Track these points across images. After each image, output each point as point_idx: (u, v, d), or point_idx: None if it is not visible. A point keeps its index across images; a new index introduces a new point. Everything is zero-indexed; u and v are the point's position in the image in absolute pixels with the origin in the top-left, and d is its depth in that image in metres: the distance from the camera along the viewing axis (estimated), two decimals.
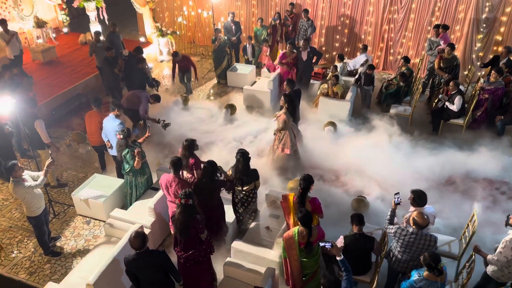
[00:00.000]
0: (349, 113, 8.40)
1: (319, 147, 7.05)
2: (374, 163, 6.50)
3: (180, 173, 5.18)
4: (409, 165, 6.57)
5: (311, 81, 9.39)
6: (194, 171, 5.09)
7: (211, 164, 4.75)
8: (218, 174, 4.79)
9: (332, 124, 7.80)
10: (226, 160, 6.79)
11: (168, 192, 4.92)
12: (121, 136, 5.40)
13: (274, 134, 6.59)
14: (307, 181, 4.47)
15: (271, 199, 5.54)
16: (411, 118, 8.16)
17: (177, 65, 9.32)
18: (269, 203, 5.56)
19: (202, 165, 4.92)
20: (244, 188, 5.02)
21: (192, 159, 5.14)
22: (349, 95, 8.39)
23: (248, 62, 10.94)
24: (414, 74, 9.01)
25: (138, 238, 3.69)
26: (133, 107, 7.15)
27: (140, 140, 5.90)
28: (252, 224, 5.25)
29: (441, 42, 8.63)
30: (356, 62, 9.69)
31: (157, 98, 7.39)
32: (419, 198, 4.42)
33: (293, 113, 6.42)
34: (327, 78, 8.93)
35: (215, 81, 10.60)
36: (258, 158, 6.92)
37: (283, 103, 6.28)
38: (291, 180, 6.14)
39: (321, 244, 3.77)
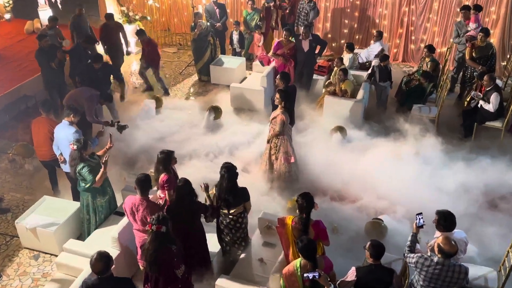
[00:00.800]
0: (362, 115, 8.48)
1: (324, 158, 7.10)
2: (392, 178, 6.56)
3: (155, 193, 5.26)
4: (435, 179, 6.66)
5: (314, 76, 9.47)
6: (166, 191, 5.07)
7: (187, 183, 4.76)
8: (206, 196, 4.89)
9: (341, 129, 7.86)
10: (209, 177, 6.82)
11: (134, 219, 4.91)
12: (75, 147, 5.39)
13: (268, 141, 6.65)
14: (309, 202, 4.49)
15: (265, 224, 5.56)
16: (437, 120, 8.25)
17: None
18: (263, 229, 5.59)
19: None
20: (231, 212, 5.01)
21: (165, 176, 5.13)
22: (361, 94, 8.48)
23: (236, 53, 11.00)
24: (441, 66, 9.15)
25: (101, 261, 3.76)
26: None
27: (99, 153, 5.91)
28: (242, 256, 5.25)
29: (472, 27, 8.79)
30: (370, 52, 9.81)
31: (107, 98, 7.37)
32: (445, 220, 4.44)
33: (290, 114, 6.52)
34: (334, 72, 9.01)
35: (195, 77, 10.66)
36: (248, 173, 6.97)
37: (279, 101, 6.36)
38: (290, 200, 6.20)
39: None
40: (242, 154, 7.51)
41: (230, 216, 5.04)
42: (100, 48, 9.93)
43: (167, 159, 5.20)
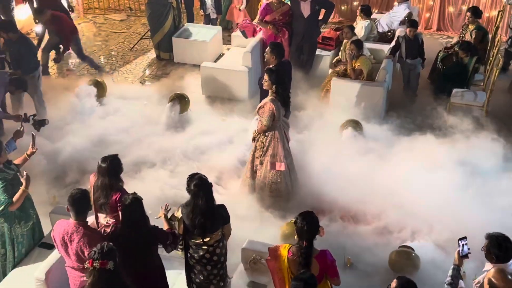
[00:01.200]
0: (383, 105, 8.51)
1: (331, 164, 7.11)
2: (425, 191, 6.59)
3: (93, 217, 5.23)
4: (485, 193, 6.72)
5: (318, 51, 9.49)
6: (120, 214, 5.10)
7: (137, 202, 4.77)
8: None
9: (354, 124, 7.89)
10: (171, 194, 6.77)
11: (66, 252, 4.85)
12: None
13: (254, 139, 6.72)
14: (312, 224, 4.53)
15: (251, 256, 5.57)
16: (486, 110, 8.34)
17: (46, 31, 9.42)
18: (248, 263, 5.60)
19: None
20: (206, 240, 5.03)
21: (118, 193, 5.18)
22: (381, 75, 8.51)
23: (209, 21, 10.98)
24: (490, 36, 9.24)
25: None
26: None
27: (18, 161, 5.83)
28: None
29: None
30: (393, 18, 9.84)
31: (20, 84, 7.42)
32: (499, 247, 4.45)
33: (284, 102, 6.53)
34: (344, 46, 9.03)
35: (152, 54, 10.66)
36: (223, 187, 6.96)
37: (268, 84, 6.40)
38: (285, 223, 6.26)
39: None
40: (216, 161, 7.52)
41: (204, 247, 5.07)
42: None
43: (114, 168, 5.23)
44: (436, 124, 8.19)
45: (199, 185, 4.89)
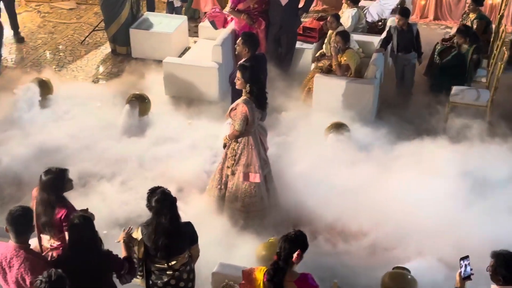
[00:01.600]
0: (373, 105, 8.57)
1: (316, 173, 7.15)
2: (423, 204, 6.65)
3: (36, 240, 5.21)
4: (491, 205, 6.77)
5: (298, 44, 9.55)
6: (66, 235, 5.11)
7: (86, 221, 4.77)
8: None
9: (340, 127, 7.91)
10: (123, 212, 6.78)
11: (5, 280, 4.78)
12: None
13: (225, 146, 6.75)
14: (294, 244, 4.56)
15: (223, 282, 5.53)
16: (489, 110, 8.40)
17: None
18: None
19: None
20: (171, 264, 5.06)
21: (63, 209, 5.16)
22: (371, 71, 8.57)
23: (172, 9, 11.01)
24: (494, 26, 9.35)
25: None
26: None
27: None
28: None
29: None
30: (384, 6, 9.92)
31: None
32: (507, 267, 4.50)
33: (259, 103, 6.52)
34: (328, 38, 9.08)
35: (107, 48, 10.65)
36: (185, 203, 6.93)
37: (241, 83, 6.43)
38: (261, 243, 6.28)
39: None
40: (178, 172, 7.50)
41: (169, 272, 5.09)
42: None
43: (58, 182, 5.22)
44: (433, 127, 8.28)
45: (162, 201, 4.90)
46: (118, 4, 10.01)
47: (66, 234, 5.05)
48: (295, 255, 4.50)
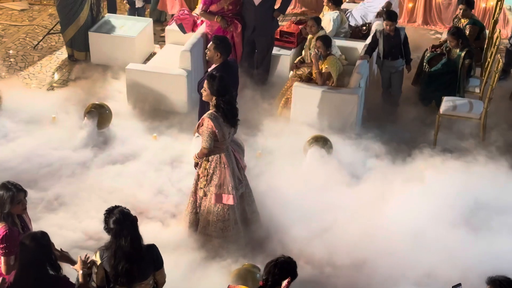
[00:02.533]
0: (357, 117, 8.44)
1: (294, 194, 7.11)
2: (414, 229, 6.64)
3: None
4: (487, 228, 6.75)
5: (275, 50, 9.51)
6: (2, 259, 5.13)
7: (38, 241, 4.73)
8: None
9: (322, 141, 7.82)
10: (87, 235, 6.71)
11: None
12: None
13: (196, 165, 6.71)
14: (285, 270, 4.60)
15: None
16: (483, 125, 8.33)
17: None
18: None
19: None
20: None
21: (3, 230, 5.14)
22: (355, 79, 8.47)
23: (134, 11, 10.94)
24: (487, 32, 9.26)
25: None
26: None
27: None
28: None
29: None
30: (368, 9, 9.85)
31: None
32: None
33: (228, 118, 6.36)
34: (308, 43, 9.02)
35: (63, 53, 10.56)
36: (154, 221, 6.95)
37: (207, 95, 6.40)
38: (235, 269, 6.26)
39: None
40: (140, 193, 7.44)
41: None
42: None
43: (7, 198, 5.19)
44: (422, 141, 8.19)
45: (121, 221, 4.85)
46: (76, 4, 9.85)
47: (2, 257, 5.10)
48: (284, 282, 4.55)
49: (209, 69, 7.11)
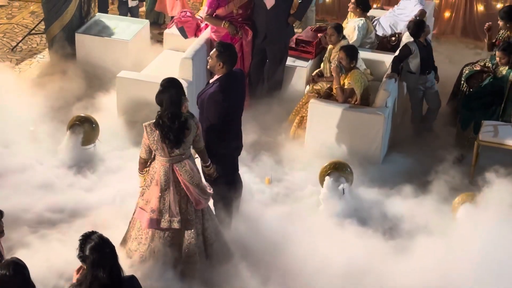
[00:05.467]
0: (383, 143, 8.48)
1: (303, 236, 7.12)
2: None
3: None
4: None
5: (290, 61, 9.53)
6: None
7: (17, 268, 4.79)
8: None
9: (342, 169, 7.82)
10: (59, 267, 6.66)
11: None
12: None
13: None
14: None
15: None
16: None
17: None
18: None
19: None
20: None
21: None
22: (381, 98, 8.47)
23: (126, 10, 11.08)
24: None
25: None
26: None
27: None
28: None
29: None
30: (399, 17, 9.87)
31: None
32: None
33: (169, 132, 6.39)
34: (327, 54, 9.02)
35: (45, 57, 10.62)
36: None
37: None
38: None
39: None
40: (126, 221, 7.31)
41: None
42: None
43: None
44: (456, 174, 8.12)
45: (99, 250, 4.85)
46: (60, 3, 9.93)
47: None
48: None
49: (211, 80, 7.10)
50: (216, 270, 6.74)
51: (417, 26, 8.79)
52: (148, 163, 6.73)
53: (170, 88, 6.48)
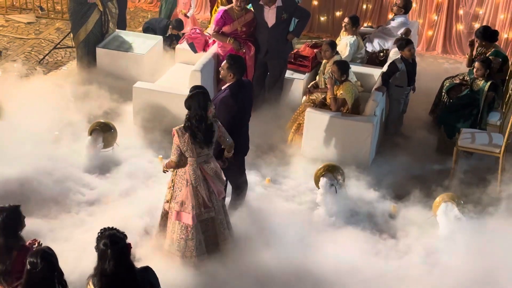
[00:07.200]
0: (371, 148, 8.63)
1: (298, 234, 7.18)
2: None
3: None
4: None
5: (288, 73, 9.66)
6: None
7: (50, 255, 4.76)
8: None
9: (334, 170, 7.91)
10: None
11: None
12: None
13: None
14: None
15: None
16: (502, 162, 8.26)
17: None
18: None
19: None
20: None
21: (22, 251, 5.20)
22: (370, 107, 8.63)
23: (147, 28, 11.09)
24: (511, 64, 9.44)
25: None
26: None
27: None
28: None
29: None
30: (387, 34, 10.04)
31: None
32: None
33: (199, 134, 6.46)
34: (322, 68, 9.14)
35: (68, 68, 10.70)
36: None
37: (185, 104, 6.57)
38: None
39: None
40: (141, 220, 7.41)
41: None
42: None
43: (13, 222, 5.28)
44: (439, 176, 8.33)
45: (111, 244, 4.81)
46: (84, 14, 10.11)
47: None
48: None
49: (223, 87, 7.19)
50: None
51: (403, 43, 8.89)
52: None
53: (198, 94, 6.54)
